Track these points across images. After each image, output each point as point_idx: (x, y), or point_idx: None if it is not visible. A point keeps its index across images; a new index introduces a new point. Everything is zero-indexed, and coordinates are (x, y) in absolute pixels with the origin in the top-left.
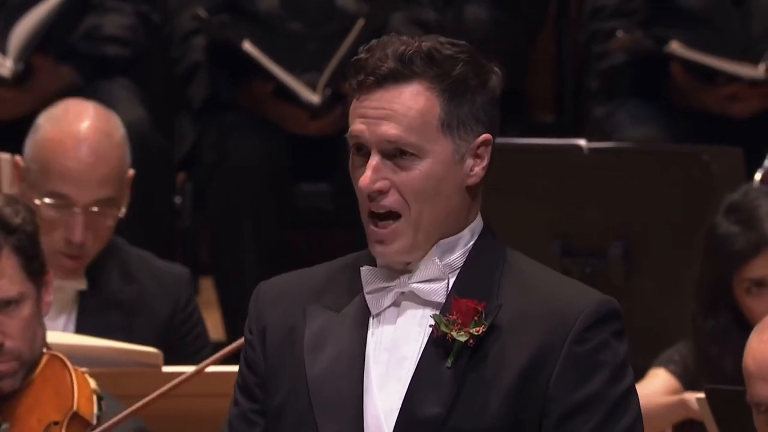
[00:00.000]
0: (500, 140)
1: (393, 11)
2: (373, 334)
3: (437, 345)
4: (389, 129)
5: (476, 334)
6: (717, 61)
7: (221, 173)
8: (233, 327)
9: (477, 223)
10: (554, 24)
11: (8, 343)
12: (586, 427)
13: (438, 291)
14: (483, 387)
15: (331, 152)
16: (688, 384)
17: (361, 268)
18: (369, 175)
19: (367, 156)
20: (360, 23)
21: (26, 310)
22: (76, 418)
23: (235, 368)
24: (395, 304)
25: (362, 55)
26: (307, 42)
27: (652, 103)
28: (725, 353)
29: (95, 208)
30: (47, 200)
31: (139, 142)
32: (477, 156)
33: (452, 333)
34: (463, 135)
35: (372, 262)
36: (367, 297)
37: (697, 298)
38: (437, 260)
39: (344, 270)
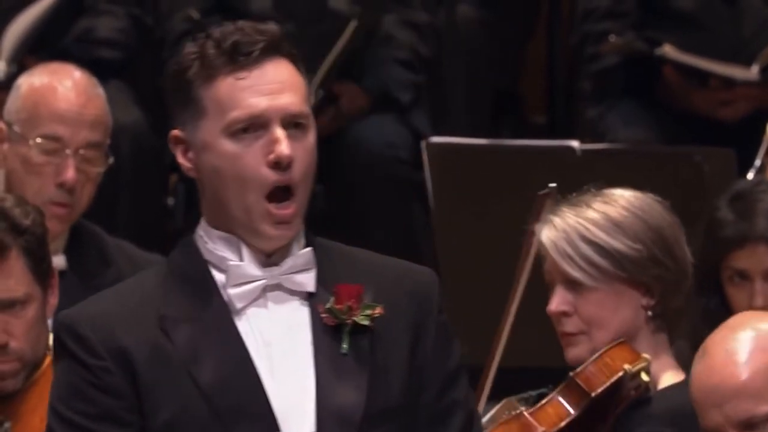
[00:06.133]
0: (493, 141)
1: (385, 13)
2: (246, 332)
3: (328, 333)
4: (294, 100)
5: (378, 315)
6: (710, 64)
7: None
8: None
9: None
10: (546, 25)
11: (12, 344)
12: (461, 394)
13: (309, 281)
14: (386, 368)
15: (324, 154)
16: None
17: (229, 263)
18: (288, 144)
19: (258, 135)
20: (352, 25)
21: (32, 311)
22: None
23: None
24: (259, 297)
25: (224, 40)
26: (299, 43)
27: (644, 104)
28: None
29: (84, 152)
30: (39, 140)
31: (134, 143)
32: None
33: (353, 318)
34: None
35: (196, 262)
36: (231, 292)
37: (694, 276)
38: (309, 249)
39: (172, 278)
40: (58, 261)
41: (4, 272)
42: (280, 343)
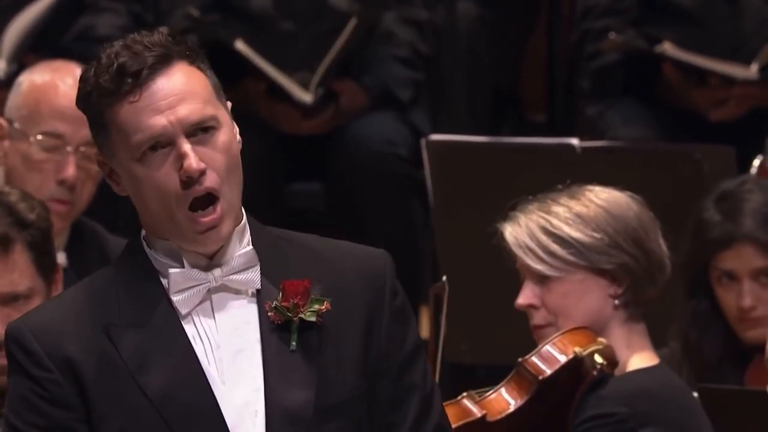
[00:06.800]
0: (493, 139)
1: (385, 10)
2: (194, 336)
3: (276, 331)
4: (192, 108)
5: (325, 310)
6: (709, 62)
7: None
8: None
9: None
10: (546, 23)
11: None
12: (419, 375)
13: (253, 280)
14: (337, 362)
15: (324, 152)
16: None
17: (170, 270)
18: (194, 157)
19: (166, 152)
20: (352, 22)
21: (34, 305)
22: None
23: None
24: (205, 300)
25: (112, 64)
26: (299, 41)
27: (644, 102)
28: (704, 339)
29: (85, 149)
30: (40, 137)
31: None
32: (232, 122)
33: (300, 316)
34: (223, 100)
35: (142, 267)
36: (176, 299)
37: (683, 279)
38: (250, 248)
39: (119, 284)
40: (59, 258)
41: (7, 266)
42: (229, 344)
